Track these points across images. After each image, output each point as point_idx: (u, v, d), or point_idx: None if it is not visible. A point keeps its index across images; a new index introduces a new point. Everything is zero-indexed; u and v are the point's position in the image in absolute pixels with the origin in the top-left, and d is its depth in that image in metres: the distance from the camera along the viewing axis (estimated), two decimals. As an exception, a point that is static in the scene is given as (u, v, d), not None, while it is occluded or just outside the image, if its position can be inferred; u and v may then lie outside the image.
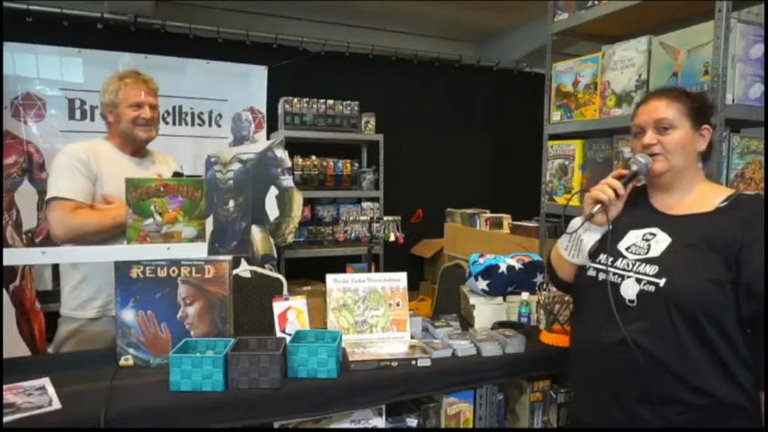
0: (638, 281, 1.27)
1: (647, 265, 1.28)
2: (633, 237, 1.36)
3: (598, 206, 1.38)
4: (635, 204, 1.43)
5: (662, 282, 1.23)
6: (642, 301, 1.26)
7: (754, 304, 1.17)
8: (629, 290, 1.28)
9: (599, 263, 1.37)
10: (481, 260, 2.05)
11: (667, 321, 1.22)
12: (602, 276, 1.35)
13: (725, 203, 1.28)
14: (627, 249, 1.34)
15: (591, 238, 1.41)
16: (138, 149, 2.08)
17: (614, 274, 1.33)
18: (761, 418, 1.22)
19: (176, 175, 2.00)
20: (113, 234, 1.86)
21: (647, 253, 1.30)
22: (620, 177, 1.40)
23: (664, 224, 1.33)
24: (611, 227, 1.38)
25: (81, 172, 1.91)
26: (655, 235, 1.32)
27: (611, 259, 1.35)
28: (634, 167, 1.38)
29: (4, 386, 1.35)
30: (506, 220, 3.83)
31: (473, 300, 2.02)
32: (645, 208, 1.41)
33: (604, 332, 1.30)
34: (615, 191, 1.38)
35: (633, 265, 1.30)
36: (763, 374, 1.19)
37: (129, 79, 2.02)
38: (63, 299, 2.00)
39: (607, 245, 1.37)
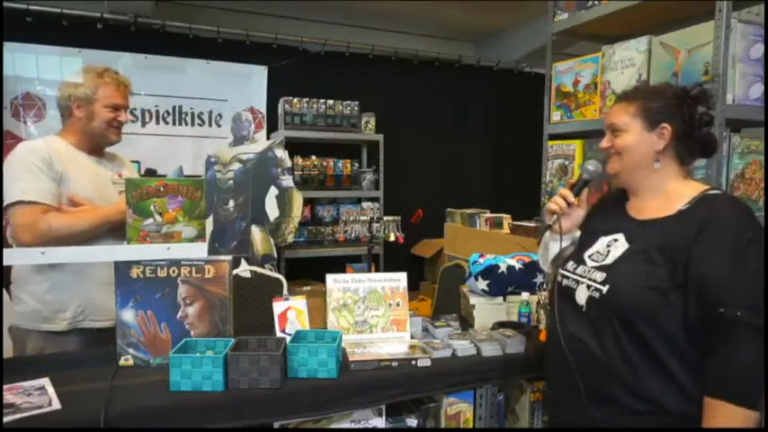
0: (588, 287, 1.31)
1: (599, 272, 1.31)
2: (600, 244, 1.38)
3: (554, 217, 1.47)
4: (612, 209, 1.45)
5: (605, 289, 1.27)
6: (590, 307, 1.30)
7: (701, 311, 1.16)
8: (581, 295, 1.32)
9: (565, 269, 1.43)
10: (481, 260, 2.05)
11: (609, 327, 1.25)
12: (564, 282, 1.40)
13: (687, 206, 1.27)
14: (590, 257, 1.38)
15: (555, 246, 1.50)
16: (96, 149, 1.95)
17: (573, 279, 1.38)
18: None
19: (149, 172, 1.96)
20: (87, 238, 1.76)
21: (603, 260, 1.33)
22: (572, 186, 1.50)
23: (628, 230, 1.35)
24: (562, 235, 1.47)
25: (44, 172, 1.76)
26: (617, 241, 1.35)
27: (574, 266, 1.40)
28: (584, 175, 1.49)
29: (4, 386, 1.35)
30: (506, 220, 3.83)
31: (473, 300, 2.02)
32: (619, 213, 1.42)
33: (563, 332, 1.35)
34: (567, 200, 1.47)
35: (589, 271, 1.34)
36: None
37: (109, 78, 1.90)
38: (20, 310, 1.83)
39: (575, 253, 1.44)
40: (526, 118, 4.28)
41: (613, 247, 1.34)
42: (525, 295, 1.99)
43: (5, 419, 1.21)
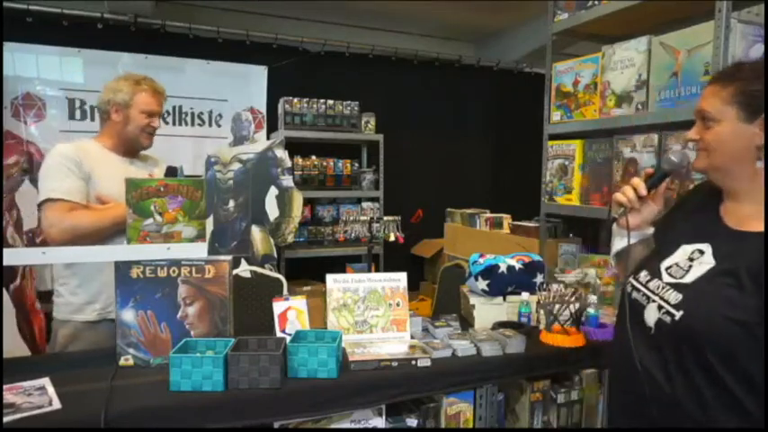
0: (660, 308, 1.12)
1: (674, 292, 1.11)
2: (680, 254, 1.17)
3: (621, 210, 1.28)
4: (701, 210, 1.22)
5: (678, 315, 1.08)
6: (658, 331, 1.12)
7: None
8: (650, 315, 1.14)
9: (637, 279, 1.23)
10: (481, 260, 2.05)
11: (679, 358, 1.08)
12: (634, 295, 1.22)
13: None
14: (667, 270, 1.17)
15: (621, 242, 1.31)
16: (130, 152, 2.06)
17: (643, 294, 1.19)
18: None
19: (170, 170, 2.00)
20: (110, 235, 1.83)
21: (682, 277, 1.13)
22: (648, 178, 1.28)
23: (718, 241, 1.13)
24: (629, 231, 1.27)
25: (73, 172, 1.86)
26: (702, 253, 1.14)
27: (647, 277, 1.20)
28: (664, 166, 1.27)
29: (4, 386, 1.36)
30: (506, 220, 3.83)
31: (473, 300, 2.02)
32: (710, 216, 1.19)
33: (628, 350, 1.18)
34: (638, 192, 1.26)
35: (663, 288, 1.14)
36: None
37: (146, 85, 2.02)
38: (58, 302, 1.96)
39: (651, 260, 1.24)
40: (526, 118, 4.29)
41: (697, 261, 1.13)
42: (525, 295, 1.99)
43: (5, 419, 1.21)
